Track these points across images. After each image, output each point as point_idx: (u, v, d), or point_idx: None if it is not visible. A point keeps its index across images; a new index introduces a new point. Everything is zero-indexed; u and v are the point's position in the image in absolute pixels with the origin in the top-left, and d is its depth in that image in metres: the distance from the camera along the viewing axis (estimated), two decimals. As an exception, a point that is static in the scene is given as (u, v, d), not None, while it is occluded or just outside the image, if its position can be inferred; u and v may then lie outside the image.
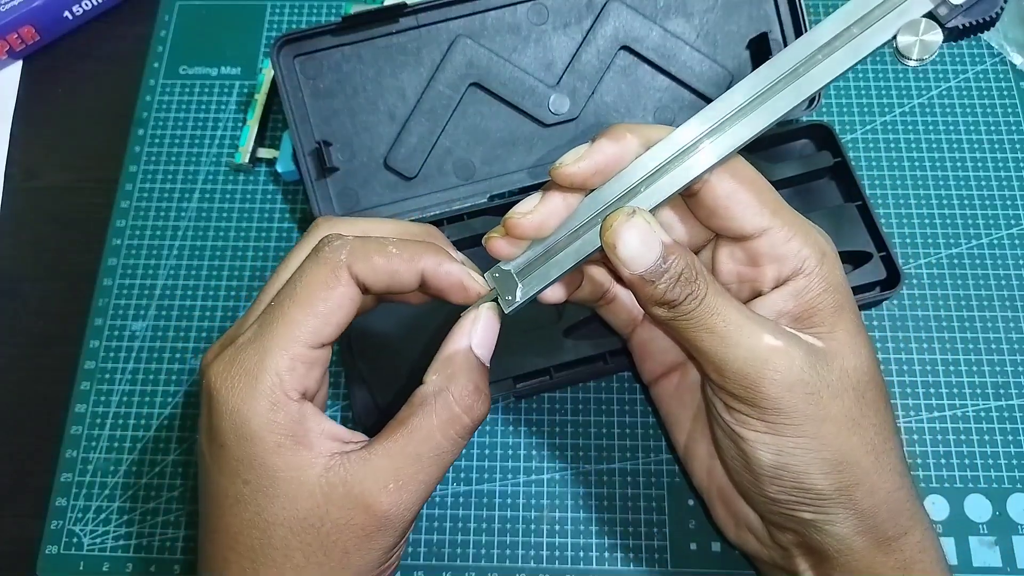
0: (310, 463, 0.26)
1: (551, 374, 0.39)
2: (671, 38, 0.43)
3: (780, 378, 0.27)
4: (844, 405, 0.28)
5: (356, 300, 0.28)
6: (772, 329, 0.28)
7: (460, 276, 0.29)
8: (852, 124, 0.46)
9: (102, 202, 0.46)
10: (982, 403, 0.40)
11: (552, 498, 0.39)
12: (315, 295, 0.27)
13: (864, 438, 0.28)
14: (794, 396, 0.27)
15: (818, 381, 0.27)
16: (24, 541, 0.39)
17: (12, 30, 0.49)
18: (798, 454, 0.28)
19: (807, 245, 0.29)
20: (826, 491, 0.28)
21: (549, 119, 0.43)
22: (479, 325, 0.29)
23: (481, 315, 0.29)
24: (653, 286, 0.27)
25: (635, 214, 0.27)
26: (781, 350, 0.27)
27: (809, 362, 0.27)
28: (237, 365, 0.26)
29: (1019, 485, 0.39)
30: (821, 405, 0.27)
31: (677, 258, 0.27)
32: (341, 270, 0.27)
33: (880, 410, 0.29)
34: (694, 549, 0.38)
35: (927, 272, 0.43)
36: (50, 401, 0.42)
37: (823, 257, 0.29)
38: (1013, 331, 0.41)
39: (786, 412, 0.28)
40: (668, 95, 0.44)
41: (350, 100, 0.42)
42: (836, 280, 0.29)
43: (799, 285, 0.29)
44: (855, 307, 0.30)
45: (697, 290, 0.27)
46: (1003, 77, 0.47)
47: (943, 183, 0.45)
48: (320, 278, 0.27)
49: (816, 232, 0.30)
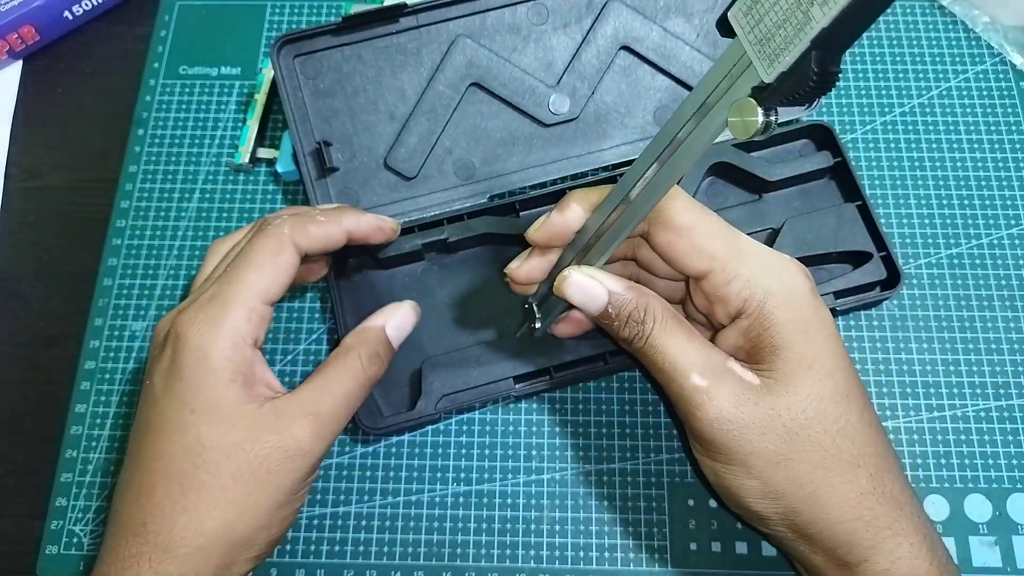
0: (251, 398, 0.31)
1: (551, 374, 0.39)
2: (671, 38, 0.43)
3: (702, 415, 0.30)
4: (772, 441, 0.30)
5: (296, 265, 0.33)
6: (703, 368, 0.30)
7: (375, 222, 0.37)
8: (852, 124, 0.46)
9: (102, 202, 0.46)
10: (982, 403, 0.40)
11: (552, 498, 0.39)
12: (266, 261, 0.32)
13: (793, 473, 0.30)
14: (717, 431, 0.30)
15: (743, 418, 0.30)
16: (24, 541, 0.39)
17: (12, 30, 0.49)
18: (731, 479, 0.31)
19: (748, 287, 0.31)
20: (765, 514, 0.31)
21: (549, 119, 0.43)
22: (397, 313, 0.36)
23: (401, 306, 0.36)
24: (610, 324, 0.32)
25: (570, 273, 0.32)
26: (703, 390, 0.30)
27: (734, 401, 0.30)
28: (203, 313, 0.31)
29: (1019, 485, 0.39)
30: (747, 440, 0.30)
31: (624, 303, 0.32)
32: (286, 241, 0.33)
33: (825, 446, 0.30)
34: (694, 549, 0.38)
35: (927, 272, 0.43)
36: (50, 401, 0.42)
37: (766, 297, 0.30)
38: (1013, 331, 0.41)
39: (714, 444, 0.31)
40: (668, 95, 0.44)
41: (350, 100, 0.42)
42: (778, 320, 0.30)
43: (743, 324, 0.31)
44: (810, 342, 0.30)
45: (644, 330, 0.31)
46: (1003, 77, 0.47)
47: (943, 183, 0.45)
48: (269, 247, 0.33)
49: (765, 270, 0.31)
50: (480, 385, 0.39)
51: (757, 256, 0.31)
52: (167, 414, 0.30)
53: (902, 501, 0.30)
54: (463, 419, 0.41)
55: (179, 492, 0.29)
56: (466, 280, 0.42)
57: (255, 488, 0.30)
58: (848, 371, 0.31)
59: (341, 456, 0.40)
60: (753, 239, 0.32)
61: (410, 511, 0.39)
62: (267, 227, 0.33)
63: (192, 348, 0.30)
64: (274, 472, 0.30)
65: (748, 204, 0.43)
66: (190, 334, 0.31)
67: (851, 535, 0.30)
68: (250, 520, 0.30)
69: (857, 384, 0.31)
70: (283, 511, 0.31)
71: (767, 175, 0.42)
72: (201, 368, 0.30)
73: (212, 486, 0.29)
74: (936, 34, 0.48)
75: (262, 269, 0.32)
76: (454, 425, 0.41)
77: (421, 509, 0.39)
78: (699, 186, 0.42)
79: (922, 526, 0.30)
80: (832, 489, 0.30)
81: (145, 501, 0.30)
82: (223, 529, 0.29)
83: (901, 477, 0.31)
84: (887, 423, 0.40)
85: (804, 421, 0.30)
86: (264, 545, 0.31)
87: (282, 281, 0.33)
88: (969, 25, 0.48)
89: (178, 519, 0.29)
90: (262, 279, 0.32)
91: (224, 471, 0.29)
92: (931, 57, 0.48)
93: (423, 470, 0.40)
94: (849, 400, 0.30)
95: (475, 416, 0.41)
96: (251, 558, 0.31)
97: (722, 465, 0.31)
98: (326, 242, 0.34)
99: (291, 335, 0.43)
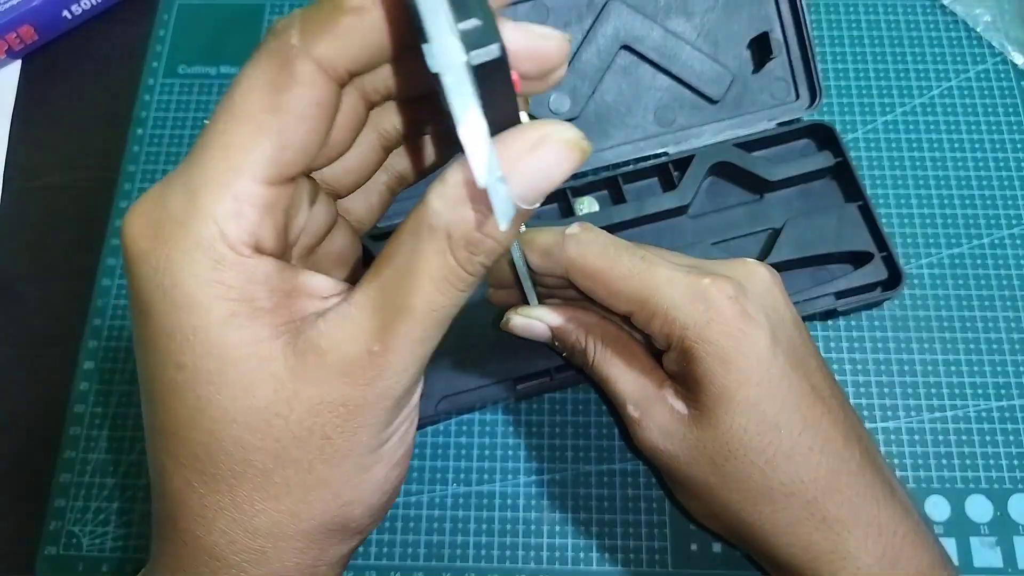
0: (274, 333, 0.20)
1: (552, 375, 0.39)
2: (672, 38, 0.43)
3: (639, 443, 0.32)
4: (700, 472, 0.30)
5: (330, 101, 0.19)
6: (636, 398, 0.31)
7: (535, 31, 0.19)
8: (853, 124, 0.46)
9: (102, 202, 0.46)
10: (983, 403, 0.40)
11: (552, 499, 0.39)
12: (261, 105, 0.19)
13: (724, 501, 0.30)
14: (654, 458, 0.32)
15: (672, 449, 0.31)
16: (23, 541, 0.39)
17: (11, 30, 0.48)
18: (680, 498, 0.34)
19: (667, 323, 0.29)
20: (716, 531, 0.33)
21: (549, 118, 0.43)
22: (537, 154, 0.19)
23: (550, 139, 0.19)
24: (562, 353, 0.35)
25: (511, 317, 0.34)
26: (636, 421, 0.31)
27: (662, 432, 0.31)
28: (161, 209, 0.19)
29: (1020, 485, 0.38)
30: (678, 469, 0.31)
31: (565, 336, 0.33)
32: (295, 60, 0.18)
33: (752, 478, 0.29)
34: (695, 550, 0.38)
35: (928, 272, 0.43)
36: (49, 401, 0.42)
37: (684, 332, 0.29)
38: (1015, 331, 0.41)
39: (658, 468, 0.33)
40: (669, 94, 0.44)
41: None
42: (696, 354, 0.29)
43: (671, 356, 0.31)
44: (731, 374, 0.29)
45: (587, 357, 0.33)
46: (1004, 77, 0.47)
47: (944, 183, 0.45)
48: (266, 79, 0.19)
49: (685, 301, 0.29)
50: (480, 387, 0.39)
51: (676, 287, 0.29)
52: (150, 371, 0.21)
53: (851, 523, 0.29)
54: (463, 420, 0.41)
55: (203, 485, 0.21)
56: (466, 280, 0.42)
57: (312, 463, 0.21)
58: (780, 397, 0.29)
59: (341, 457, 0.40)
60: (679, 263, 0.31)
61: (410, 512, 0.39)
62: (267, 41, 0.19)
63: (150, 272, 0.19)
64: (334, 436, 0.21)
65: (748, 204, 0.43)
66: (142, 246, 0.19)
67: (791, 558, 0.29)
68: (323, 503, 0.21)
69: (793, 408, 0.29)
70: (370, 474, 0.22)
71: (768, 175, 0.41)
72: (171, 304, 0.19)
73: (242, 476, 0.20)
74: (937, 33, 0.48)
75: (255, 123, 0.19)
76: (454, 426, 0.40)
77: (421, 510, 0.39)
78: (699, 186, 0.42)
79: (882, 546, 0.28)
80: (763, 517, 0.29)
81: (172, 499, 0.22)
82: (287, 522, 0.21)
83: (855, 495, 0.29)
84: (888, 423, 0.40)
85: (727, 454, 0.29)
86: (365, 518, 0.23)
87: (300, 138, 0.19)
88: (970, 24, 0.48)
89: (216, 520, 0.21)
90: (257, 140, 0.19)
91: (255, 451, 0.20)
92: (932, 57, 0.48)
93: (423, 471, 0.40)
94: (778, 430, 0.29)
95: (475, 417, 0.41)
96: (348, 539, 0.23)
97: (670, 483, 0.33)
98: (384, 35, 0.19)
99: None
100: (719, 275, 0.29)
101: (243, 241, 0.19)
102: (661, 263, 0.30)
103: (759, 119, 0.43)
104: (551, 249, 0.30)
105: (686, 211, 0.42)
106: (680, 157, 0.42)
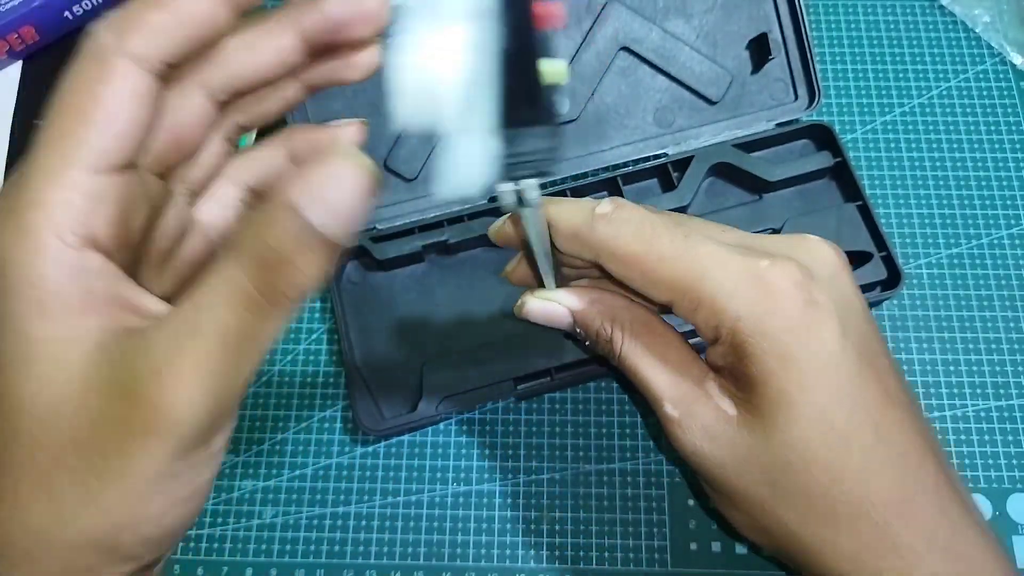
0: (82, 335, 0.19)
1: (552, 375, 0.39)
2: (671, 39, 0.43)
3: (679, 447, 0.28)
4: (752, 484, 0.26)
5: (147, 91, 0.20)
6: (674, 397, 0.27)
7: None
8: (852, 124, 0.46)
9: (102, 203, 0.46)
10: (982, 403, 0.40)
11: (552, 498, 0.39)
12: (83, 100, 0.20)
13: (778, 520, 0.26)
14: (696, 465, 0.28)
15: (719, 456, 0.27)
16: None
17: (12, 30, 0.48)
18: (722, 508, 0.29)
19: (714, 314, 0.26)
20: (760, 544, 0.29)
21: (549, 119, 0.43)
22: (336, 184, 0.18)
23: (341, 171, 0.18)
24: (584, 343, 0.30)
25: (526, 301, 0.30)
26: (675, 422, 0.27)
27: (706, 436, 0.27)
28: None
29: (1019, 485, 0.39)
30: (726, 479, 0.27)
31: (588, 321, 0.29)
32: (109, 57, 0.20)
33: (814, 497, 0.25)
34: (694, 549, 0.38)
35: (927, 272, 0.43)
36: None
37: (735, 324, 0.25)
38: (1013, 331, 0.41)
39: (699, 474, 0.28)
40: (668, 96, 0.44)
41: (350, 101, 0.42)
42: (750, 351, 0.25)
43: (719, 350, 0.27)
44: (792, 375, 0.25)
45: (613, 348, 0.29)
46: (1003, 77, 0.47)
47: (943, 183, 0.45)
48: (86, 76, 0.20)
49: (736, 287, 0.25)
50: (481, 387, 0.39)
51: (727, 271, 0.25)
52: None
53: (925, 550, 0.25)
54: (463, 419, 0.41)
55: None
56: (466, 281, 0.42)
57: (87, 477, 0.20)
58: (850, 404, 0.25)
59: (341, 456, 0.40)
60: (727, 240, 0.27)
61: (410, 511, 0.39)
62: (84, 45, 0.20)
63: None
64: (112, 456, 0.19)
65: (748, 204, 0.43)
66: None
67: None
68: (90, 518, 0.20)
69: (865, 417, 0.25)
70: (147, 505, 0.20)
71: (767, 175, 0.42)
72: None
73: (26, 468, 0.20)
74: (936, 34, 0.48)
75: (79, 117, 0.20)
76: (454, 425, 0.41)
77: (421, 509, 0.39)
78: (699, 186, 0.42)
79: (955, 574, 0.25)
80: (824, 540, 0.26)
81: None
82: (54, 527, 0.20)
83: (930, 519, 0.26)
84: (887, 423, 0.40)
85: (785, 466, 0.25)
86: (137, 546, 0.21)
87: (120, 128, 0.20)
88: (969, 25, 0.48)
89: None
90: (81, 132, 0.20)
91: (42, 448, 0.20)
92: (931, 57, 0.48)
93: (423, 470, 0.40)
94: (847, 443, 0.25)
95: (475, 416, 0.41)
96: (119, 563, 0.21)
97: (711, 491, 0.29)
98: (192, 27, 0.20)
99: (291, 335, 0.43)
100: (779, 256, 0.26)
101: (72, 230, 0.19)
102: (706, 241, 0.26)
103: (758, 120, 0.43)
104: (579, 231, 0.27)
105: (686, 212, 0.42)
106: (679, 158, 0.42)
